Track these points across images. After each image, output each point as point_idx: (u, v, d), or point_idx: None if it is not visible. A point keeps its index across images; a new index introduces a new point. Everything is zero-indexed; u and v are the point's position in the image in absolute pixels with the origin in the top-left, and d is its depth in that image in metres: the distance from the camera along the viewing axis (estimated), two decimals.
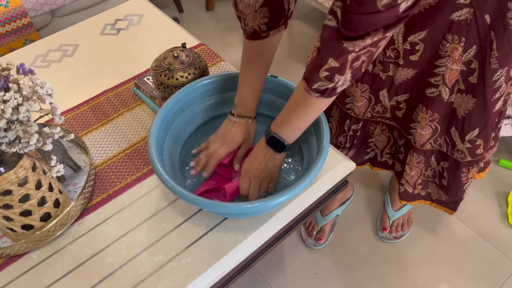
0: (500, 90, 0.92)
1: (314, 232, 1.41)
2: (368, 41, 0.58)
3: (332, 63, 0.61)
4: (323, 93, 0.66)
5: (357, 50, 0.60)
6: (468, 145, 1.01)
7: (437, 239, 1.42)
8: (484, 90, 0.90)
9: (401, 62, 0.94)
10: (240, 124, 0.85)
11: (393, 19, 0.56)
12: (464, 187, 1.13)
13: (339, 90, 0.66)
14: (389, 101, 1.05)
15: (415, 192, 1.21)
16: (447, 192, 1.16)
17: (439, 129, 1.03)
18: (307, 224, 1.43)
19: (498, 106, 0.96)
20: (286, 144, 0.75)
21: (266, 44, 0.80)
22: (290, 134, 0.75)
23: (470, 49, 0.86)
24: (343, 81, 0.64)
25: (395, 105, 1.06)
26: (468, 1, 0.78)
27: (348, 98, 1.10)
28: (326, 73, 0.63)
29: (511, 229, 1.43)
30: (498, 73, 0.88)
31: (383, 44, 0.61)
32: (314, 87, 0.66)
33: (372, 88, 1.04)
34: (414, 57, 0.92)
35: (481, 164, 1.14)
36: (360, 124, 1.14)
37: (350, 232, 1.45)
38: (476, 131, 0.98)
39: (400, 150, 1.17)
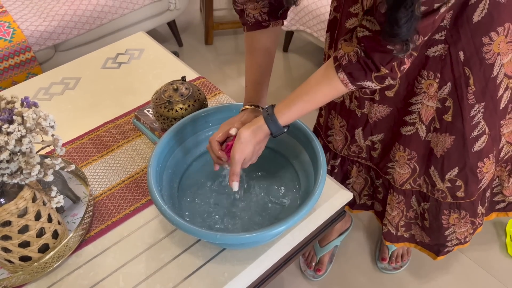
0: (479, 127, 0.91)
1: (313, 263, 1.40)
2: (412, 46, 0.64)
3: (384, 70, 0.67)
4: (363, 88, 0.72)
5: (401, 56, 0.66)
6: (448, 184, 1.01)
7: (436, 269, 1.41)
8: (462, 127, 0.91)
9: (377, 97, 0.96)
10: (250, 112, 0.84)
11: (430, 26, 0.64)
12: (446, 233, 1.12)
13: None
14: (364, 141, 1.06)
15: (399, 234, 1.21)
16: (430, 234, 1.15)
17: (417, 169, 1.02)
18: (306, 255, 1.42)
19: (478, 146, 0.94)
20: (283, 128, 0.76)
21: (267, 35, 0.84)
22: (291, 115, 0.75)
23: (445, 86, 0.87)
24: (388, 83, 0.70)
25: (370, 145, 1.07)
26: (443, 37, 0.81)
27: (330, 130, 1.12)
28: (379, 77, 0.69)
29: (511, 259, 1.43)
30: (475, 108, 0.88)
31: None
32: (359, 83, 0.70)
33: (348, 125, 1.05)
34: (389, 93, 0.93)
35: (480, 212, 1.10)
36: (338, 161, 1.15)
37: (349, 263, 1.43)
38: (456, 170, 0.98)
39: (378, 190, 1.17)
